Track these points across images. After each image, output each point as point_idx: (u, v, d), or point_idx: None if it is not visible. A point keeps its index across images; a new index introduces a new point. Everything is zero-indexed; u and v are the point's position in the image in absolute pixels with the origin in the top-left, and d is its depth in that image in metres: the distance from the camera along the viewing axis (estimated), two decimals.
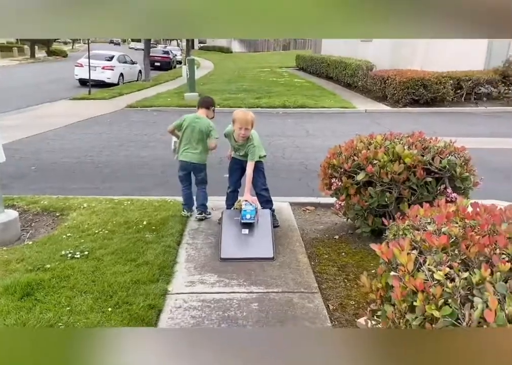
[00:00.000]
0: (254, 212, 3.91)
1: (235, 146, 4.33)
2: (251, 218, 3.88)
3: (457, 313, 1.54)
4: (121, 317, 2.77)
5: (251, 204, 3.99)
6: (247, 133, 4.11)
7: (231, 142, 4.35)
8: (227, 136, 4.35)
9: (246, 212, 3.90)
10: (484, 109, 12.93)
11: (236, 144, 4.30)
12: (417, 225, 2.19)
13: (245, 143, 4.21)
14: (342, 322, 2.88)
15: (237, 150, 4.37)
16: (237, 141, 4.25)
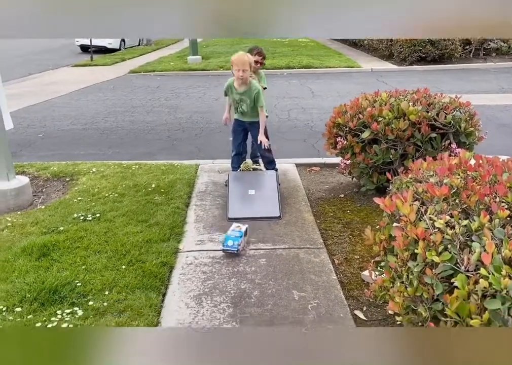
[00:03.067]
0: (239, 239, 3.15)
1: (237, 98, 4.12)
2: (234, 245, 3.12)
3: (456, 257, 1.61)
4: (135, 274, 2.89)
5: (239, 230, 3.25)
6: (245, 75, 3.98)
7: (233, 95, 4.15)
8: (227, 90, 4.18)
9: (229, 238, 3.15)
10: (493, 65, 12.64)
11: (238, 93, 4.09)
12: (420, 178, 2.23)
13: (248, 90, 4.05)
14: (347, 275, 2.98)
15: (239, 104, 4.14)
16: (237, 89, 4.08)
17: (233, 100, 4.22)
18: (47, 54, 18.44)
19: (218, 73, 12.94)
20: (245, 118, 4.29)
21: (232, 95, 4.19)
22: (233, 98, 4.20)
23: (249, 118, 4.25)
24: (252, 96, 4.08)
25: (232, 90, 4.17)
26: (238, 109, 4.24)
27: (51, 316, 2.50)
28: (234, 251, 3.11)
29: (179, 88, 10.80)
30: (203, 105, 8.96)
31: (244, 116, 4.28)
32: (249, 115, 4.23)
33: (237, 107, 4.23)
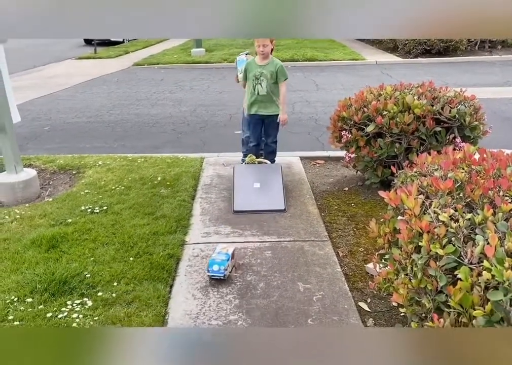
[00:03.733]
0: (225, 263, 2.79)
1: (257, 73, 4.11)
2: (219, 270, 2.77)
3: (460, 250, 1.64)
4: (142, 265, 2.94)
5: (226, 253, 2.89)
6: (266, 49, 4.06)
7: (253, 71, 4.14)
8: (247, 68, 4.20)
9: (214, 262, 2.80)
10: (499, 58, 12.56)
11: (259, 66, 4.12)
12: (425, 172, 2.25)
13: (269, 63, 4.10)
14: (351, 267, 3.02)
15: (258, 80, 4.12)
16: (258, 62, 4.13)
17: (252, 77, 4.16)
18: (51, 46, 18.43)
19: (222, 65, 12.92)
20: (263, 110, 4.25)
21: (252, 71, 4.16)
22: (253, 74, 4.15)
23: (267, 109, 4.23)
24: (273, 70, 4.09)
25: (252, 67, 4.17)
26: (256, 90, 4.17)
27: (61, 306, 2.55)
28: (221, 277, 2.76)
29: (183, 81, 10.80)
30: (207, 98, 8.97)
31: (262, 105, 4.22)
32: (268, 102, 4.19)
33: (256, 87, 4.17)
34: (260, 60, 4.17)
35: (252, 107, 4.30)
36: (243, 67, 4.38)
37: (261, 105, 4.26)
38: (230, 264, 2.86)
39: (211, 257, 2.85)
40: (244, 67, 4.26)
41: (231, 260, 2.86)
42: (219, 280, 2.79)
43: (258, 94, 4.20)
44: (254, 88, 4.20)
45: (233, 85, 4.29)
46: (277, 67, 4.12)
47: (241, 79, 4.40)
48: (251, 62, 4.22)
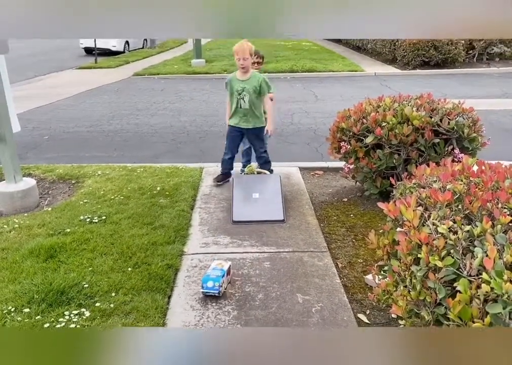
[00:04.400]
0: (220, 279, 2.72)
1: (240, 88, 4.09)
2: (214, 287, 2.71)
3: (459, 262, 1.64)
4: (141, 276, 2.93)
5: (221, 268, 2.82)
6: (246, 63, 4.01)
7: (235, 86, 4.12)
8: (229, 83, 4.19)
9: (208, 279, 2.73)
10: (496, 70, 12.66)
11: (240, 81, 4.09)
12: (424, 183, 2.26)
13: (250, 78, 4.07)
14: (350, 279, 3.01)
15: (240, 95, 4.11)
16: (240, 78, 4.11)
17: (235, 92, 4.14)
18: (52, 56, 18.55)
19: (222, 76, 12.98)
20: (244, 123, 4.25)
21: (235, 87, 4.13)
22: (236, 89, 4.12)
23: (248, 123, 4.22)
24: (256, 84, 4.06)
25: (234, 82, 4.14)
26: (239, 104, 4.17)
27: (59, 317, 2.54)
28: (216, 294, 2.70)
29: (183, 92, 10.86)
30: (207, 108, 9.01)
31: (244, 118, 4.21)
32: (250, 117, 4.18)
33: (238, 101, 4.16)
34: (241, 74, 4.13)
35: (234, 119, 4.30)
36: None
37: (243, 119, 4.25)
38: (225, 280, 2.80)
39: (206, 273, 2.80)
40: (226, 83, 4.24)
41: (226, 276, 2.80)
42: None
43: (241, 107, 4.19)
44: (237, 103, 4.19)
45: None
46: (260, 81, 4.08)
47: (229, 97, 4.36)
48: (233, 77, 4.19)
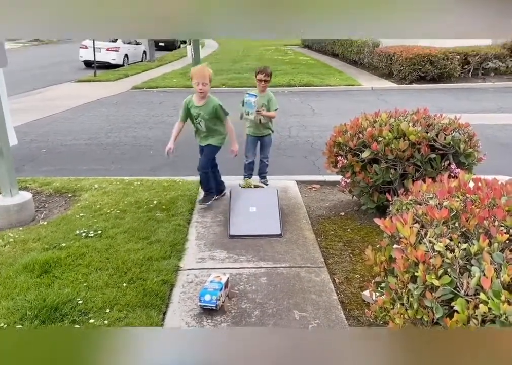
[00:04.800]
0: (217, 292, 2.68)
1: (195, 113, 4.03)
2: (211, 300, 2.67)
3: (456, 281, 1.62)
4: (136, 292, 2.89)
5: (219, 281, 2.77)
6: (205, 88, 3.94)
7: (191, 111, 4.08)
8: (185, 107, 4.15)
9: (206, 292, 2.70)
10: (492, 85, 12.79)
11: (196, 107, 4.01)
12: (420, 200, 2.26)
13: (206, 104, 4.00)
14: (348, 295, 2.99)
15: (196, 119, 4.06)
16: (196, 103, 4.02)
17: (191, 117, 4.11)
18: (52, 69, 18.66)
19: (220, 90, 13.08)
20: (202, 141, 4.23)
21: (190, 111, 4.06)
22: (191, 114, 4.07)
23: (205, 140, 4.19)
24: (211, 110, 3.98)
25: (191, 106, 4.05)
26: (195, 126, 4.17)
27: None
28: (213, 307, 2.67)
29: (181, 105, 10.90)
30: None
31: (201, 137, 4.21)
32: (205, 136, 4.16)
33: (195, 124, 4.14)
34: (198, 100, 4.01)
35: (196, 137, 4.32)
36: (250, 109, 4.44)
37: (199, 138, 4.27)
38: (223, 294, 2.76)
39: (203, 286, 2.77)
40: (182, 109, 4.15)
41: (224, 290, 2.77)
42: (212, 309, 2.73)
43: (198, 130, 4.20)
44: (194, 125, 4.19)
45: (231, 110, 4.31)
46: (215, 108, 3.99)
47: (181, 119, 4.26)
48: (189, 101, 4.09)
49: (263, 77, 4.66)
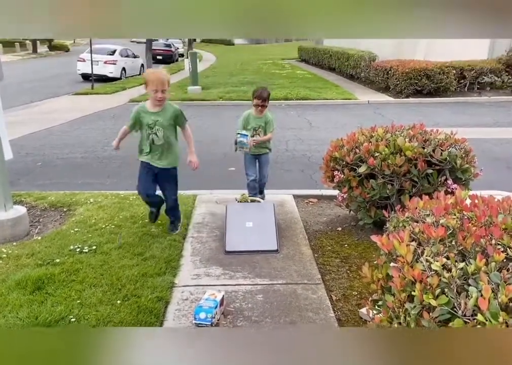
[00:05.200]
0: (212, 310, 2.66)
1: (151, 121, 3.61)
2: (207, 318, 2.65)
3: (453, 301, 1.60)
4: (130, 309, 2.85)
5: (214, 299, 2.77)
6: (165, 96, 3.53)
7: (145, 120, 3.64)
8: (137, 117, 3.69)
9: (201, 310, 2.68)
10: (487, 99, 12.90)
11: (152, 114, 3.59)
12: (417, 217, 2.24)
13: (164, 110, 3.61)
14: (345, 312, 2.95)
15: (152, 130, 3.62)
16: (151, 109, 3.60)
17: (146, 126, 3.61)
18: (49, 81, 18.73)
19: (217, 103, 13.15)
20: (155, 161, 3.75)
21: (145, 120, 3.59)
22: (146, 123, 3.59)
23: (161, 161, 3.74)
24: (169, 116, 3.59)
25: (143, 115, 3.58)
26: (150, 140, 3.63)
27: None
28: (208, 325, 2.65)
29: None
30: (202, 135, 9.03)
31: (157, 156, 3.73)
32: (161, 153, 3.71)
33: (149, 137, 3.62)
34: (153, 106, 3.59)
35: (145, 155, 3.79)
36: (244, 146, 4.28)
37: (155, 156, 3.75)
38: (219, 311, 2.74)
39: (198, 304, 2.74)
40: (131, 119, 3.70)
41: (219, 307, 2.75)
42: None
43: (154, 143, 3.68)
44: (147, 138, 3.68)
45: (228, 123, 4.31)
46: (175, 114, 3.65)
47: (128, 126, 3.82)
48: (141, 109, 3.65)
49: (260, 102, 4.50)
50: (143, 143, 3.75)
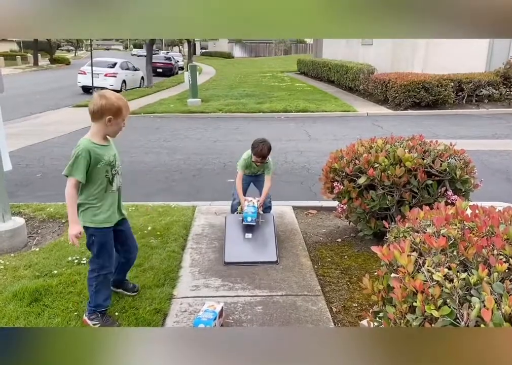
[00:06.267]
0: (211, 322, 2.65)
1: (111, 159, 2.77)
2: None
3: (456, 312, 1.58)
4: (127, 321, 2.82)
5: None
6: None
7: (104, 155, 2.72)
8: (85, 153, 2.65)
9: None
10: (486, 111, 12.96)
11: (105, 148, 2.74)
12: (417, 227, 2.23)
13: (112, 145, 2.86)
14: (345, 324, 2.91)
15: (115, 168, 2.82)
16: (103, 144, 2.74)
17: (104, 166, 2.72)
18: (50, 94, 18.84)
19: (217, 115, 13.20)
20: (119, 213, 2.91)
21: (103, 157, 2.70)
22: (106, 161, 2.72)
23: (120, 211, 2.95)
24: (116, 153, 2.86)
25: (97, 150, 2.67)
26: (112, 183, 2.81)
27: None
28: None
29: (178, 130, 10.96)
30: (201, 147, 9.06)
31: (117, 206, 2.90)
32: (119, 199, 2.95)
33: (111, 178, 2.79)
34: (103, 139, 2.74)
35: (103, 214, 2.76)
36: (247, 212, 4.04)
37: (118, 207, 2.93)
38: (218, 323, 2.72)
39: (197, 316, 2.71)
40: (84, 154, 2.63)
41: (218, 319, 2.73)
42: None
43: (113, 189, 2.82)
44: (111, 181, 2.78)
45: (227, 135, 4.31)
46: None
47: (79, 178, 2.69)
48: (89, 144, 2.67)
49: (260, 160, 4.16)
50: (99, 195, 2.74)
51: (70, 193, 2.67)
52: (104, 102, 2.60)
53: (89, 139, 2.70)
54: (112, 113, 2.63)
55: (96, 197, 2.73)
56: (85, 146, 2.64)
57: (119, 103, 2.65)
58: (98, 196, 2.74)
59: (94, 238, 2.76)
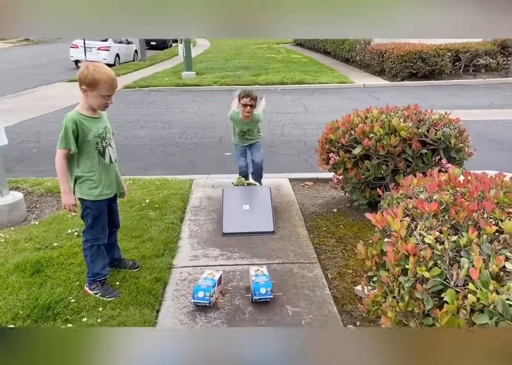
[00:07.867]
0: (210, 289, 2.69)
1: (101, 131, 2.75)
2: (205, 297, 2.69)
3: (446, 273, 1.64)
4: (128, 290, 2.89)
5: (212, 278, 2.80)
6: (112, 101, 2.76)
7: (92, 127, 2.72)
8: (73, 126, 2.62)
9: (199, 289, 2.71)
10: (482, 81, 12.88)
11: (95, 121, 2.74)
12: (410, 194, 2.27)
13: (103, 116, 2.84)
14: (340, 290, 3.00)
15: (106, 140, 2.78)
16: (92, 116, 2.73)
17: (93, 138, 2.71)
18: (42, 69, 18.53)
19: (212, 88, 13.07)
20: (117, 187, 2.95)
21: (91, 130, 2.70)
22: (95, 133, 2.72)
23: (119, 185, 2.96)
24: (109, 120, 2.91)
25: (85, 122, 2.68)
26: (105, 156, 2.79)
27: None
28: (206, 304, 2.67)
29: (173, 104, 10.88)
30: (197, 120, 9.03)
31: (115, 182, 2.91)
32: (117, 176, 2.94)
33: (101, 152, 2.76)
34: (93, 111, 2.74)
35: (98, 189, 2.79)
36: None
37: (116, 182, 2.95)
38: (217, 290, 2.78)
39: (197, 283, 2.78)
40: (71, 125, 2.62)
41: (217, 286, 2.79)
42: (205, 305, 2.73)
43: (106, 162, 2.80)
44: (102, 154, 2.77)
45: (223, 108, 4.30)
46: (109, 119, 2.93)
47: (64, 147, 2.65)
48: (77, 116, 2.67)
49: (248, 101, 4.04)
50: (93, 168, 2.74)
51: (59, 163, 2.69)
52: (81, 71, 2.61)
53: (78, 110, 2.72)
54: (86, 85, 2.61)
55: (91, 169, 2.75)
56: (71, 117, 2.65)
57: (96, 76, 2.59)
58: (92, 169, 2.75)
59: (88, 210, 2.82)
